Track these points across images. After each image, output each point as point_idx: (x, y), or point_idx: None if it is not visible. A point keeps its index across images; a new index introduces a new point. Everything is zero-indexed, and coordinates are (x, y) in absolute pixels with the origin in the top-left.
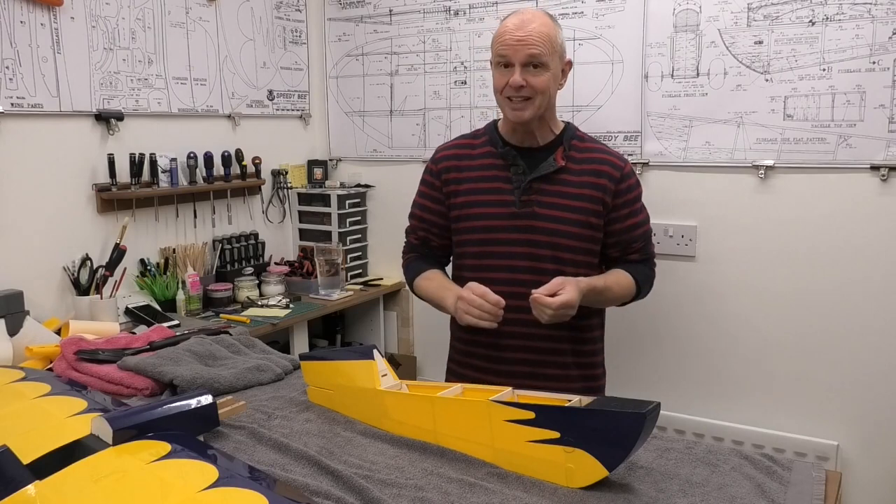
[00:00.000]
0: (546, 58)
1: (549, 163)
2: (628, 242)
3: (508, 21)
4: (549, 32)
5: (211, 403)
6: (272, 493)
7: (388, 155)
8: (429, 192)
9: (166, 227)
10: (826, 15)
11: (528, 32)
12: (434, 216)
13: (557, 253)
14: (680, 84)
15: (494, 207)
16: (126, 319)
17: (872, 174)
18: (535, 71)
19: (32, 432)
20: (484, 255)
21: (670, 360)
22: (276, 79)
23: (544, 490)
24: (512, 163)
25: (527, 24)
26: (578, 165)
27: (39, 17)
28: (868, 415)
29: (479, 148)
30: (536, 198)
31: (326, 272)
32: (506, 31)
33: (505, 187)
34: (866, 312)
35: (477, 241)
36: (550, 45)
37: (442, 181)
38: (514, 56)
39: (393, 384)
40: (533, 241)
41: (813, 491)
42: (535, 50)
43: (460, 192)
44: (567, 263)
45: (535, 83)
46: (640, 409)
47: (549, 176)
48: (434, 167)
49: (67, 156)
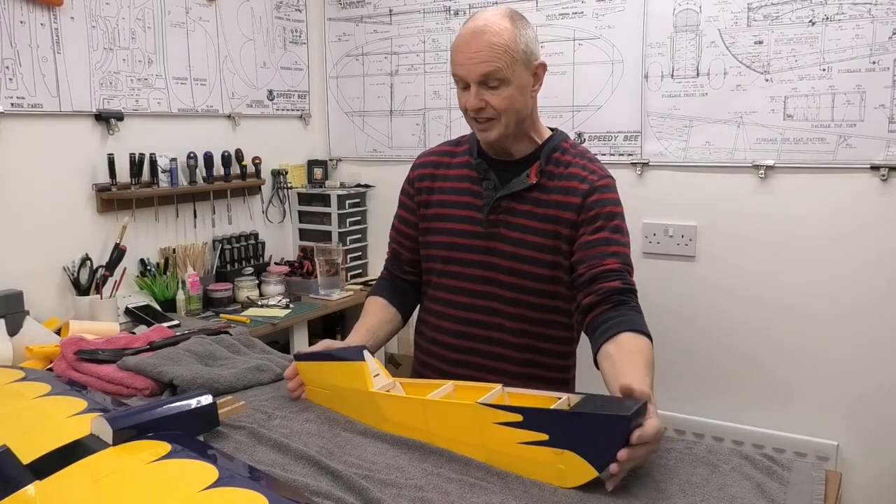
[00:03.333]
0: (504, 72)
1: (521, 179)
2: (600, 258)
3: (461, 31)
4: (506, 41)
5: (211, 403)
6: (272, 493)
7: (388, 155)
8: (405, 200)
9: (166, 227)
10: (826, 15)
11: (479, 48)
12: (406, 227)
13: (519, 280)
14: (680, 84)
15: (461, 224)
16: (126, 319)
17: (872, 174)
18: (494, 87)
19: (32, 432)
20: (445, 274)
21: (670, 360)
22: (276, 79)
23: (544, 490)
24: (484, 177)
25: (478, 36)
26: (553, 182)
27: (39, 17)
28: (868, 415)
29: (459, 157)
30: (504, 217)
31: (326, 272)
32: (458, 47)
33: (475, 203)
34: (866, 312)
35: (441, 259)
36: (508, 57)
37: (415, 189)
38: (467, 76)
39: (386, 383)
40: (493, 264)
41: (813, 491)
42: (490, 67)
43: (431, 202)
44: (528, 292)
45: (495, 103)
46: (624, 410)
47: (520, 194)
48: (411, 174)
49: (67, 156)
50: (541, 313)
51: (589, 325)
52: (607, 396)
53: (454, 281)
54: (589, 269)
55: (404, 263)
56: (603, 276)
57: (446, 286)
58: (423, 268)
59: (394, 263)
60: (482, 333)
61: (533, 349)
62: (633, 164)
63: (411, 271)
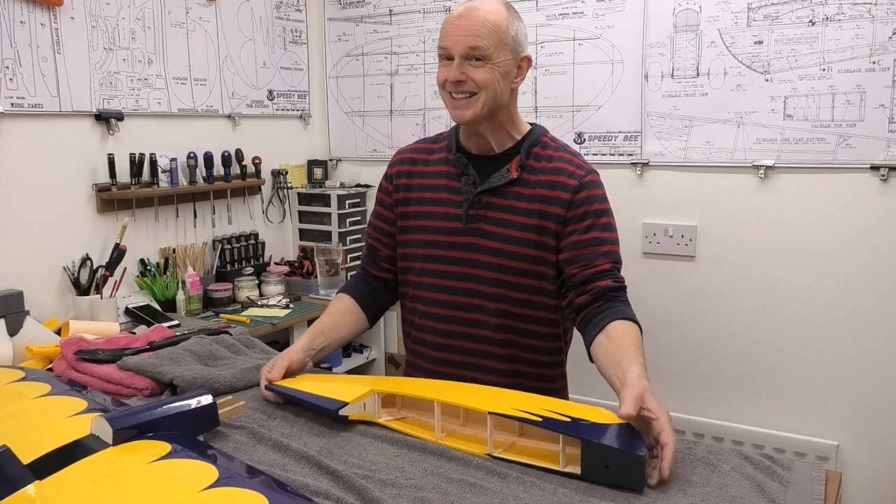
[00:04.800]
0: (490, 50)
1: (502, 174)
2: (591, 259)
3: (456, 9)
4: (497, 21)
5: (211, 403)
6: (272, 492)
7: (389, 155)
8: (382, 197)
9: (166, 227)
10: (826, 15)
11: (471, 21)
12: (384, 223)
13: (502, 276)
14: (680, 84)
15: (440, 221)
16: (126, 319)
17: (872, 174)
18: (478, 63)
19: (32, 432)
20: (425, 272)
21: (670, 360)
22: (276, 79)
23: (544, 490)
24: (462, 172)
25: (471, 11)
26: (534, 176)
27: (39, 17)
28: (868, 415)
29: (437, 153)
30: (485, 213)
31: (326, 272)
32: (449, 20)
33: (454, 199)
34: (866, 312)
35: (420, 257)
36: (497, 37)
37: (394, 186)
38: (453, 47)
39: None
40: (476, 261)
41: (813, 491)
42: (478, 42)
43: (410, 199)
44: (512, 288)
45: (476, 77)
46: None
47: (500, 188)
48: (389, 171)
49: (67, 156)
50: (524, 309)
51: (581, 321)
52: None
53: (435, 279)
54: (582, 269)
55: (381, 260)
56: (595, 277)
57: (428, 285)
58: (400, 266)
59: (370, 260)
60: (466, 331)
61: (516, 345)
62: (633, 164)
63: (388, 268)
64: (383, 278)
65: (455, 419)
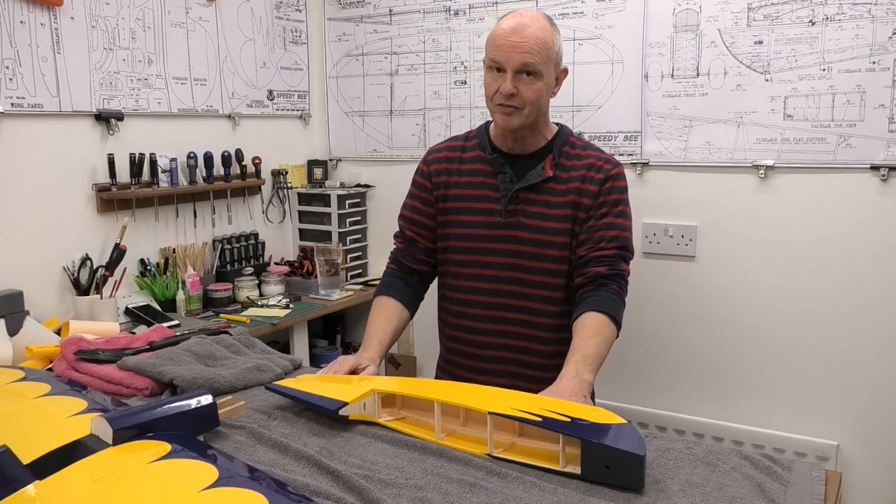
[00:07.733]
0: (540, 66)
1: (537, 171)
2: (597, 242)
3: (505, 22)
4: (547, 39)
5: (211, 403)
6: (272, 493)
7: (388, 155)
8: (419, 193)
9: (166, 227)
10: (826, 15)
11: (524, 38)
12: (424, 217)
13: (543, 264)
14: (680, 84)
15: (480, 216)
16: (126, 319)
17: (872, 174)
18: (528, 79)
19: (32, 432)
20: (467, 263)
21: (670, 360)
22: (276, 79)
23: (544, 490)
24: (500, 170)
25: (524, 28)
26: (566, 173)
27: (39, 17)
28: (868, 415)
29: (470, 151)
30: (522, 207)
31: (326, 272)
32: (501, 34)
33: (492, 195)
34: (866, 312)
35: (461, 249)
36: (546, 53)
37: (433, 184)
38: (507, 62)
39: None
40: (518, 251)
41: (813, 491)
42: (531, 59)
43: (449, 196)
44: (553, 275)
45: (526, 93)
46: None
47: (536, 185)
48: (426, 168)
49: (67, 156)
50: (563, 293)
51: (573, 303)
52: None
53: (476, 269)
54: (587, 251)
55: (420, 252)
56: (594, 261)
57: (468, 275)
58: (439, 259)
59: (406, 253)
60: (508, 316)
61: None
62: (633, 164)
63: (426, 260)
64: (420, 272)
65: (455, 419)
